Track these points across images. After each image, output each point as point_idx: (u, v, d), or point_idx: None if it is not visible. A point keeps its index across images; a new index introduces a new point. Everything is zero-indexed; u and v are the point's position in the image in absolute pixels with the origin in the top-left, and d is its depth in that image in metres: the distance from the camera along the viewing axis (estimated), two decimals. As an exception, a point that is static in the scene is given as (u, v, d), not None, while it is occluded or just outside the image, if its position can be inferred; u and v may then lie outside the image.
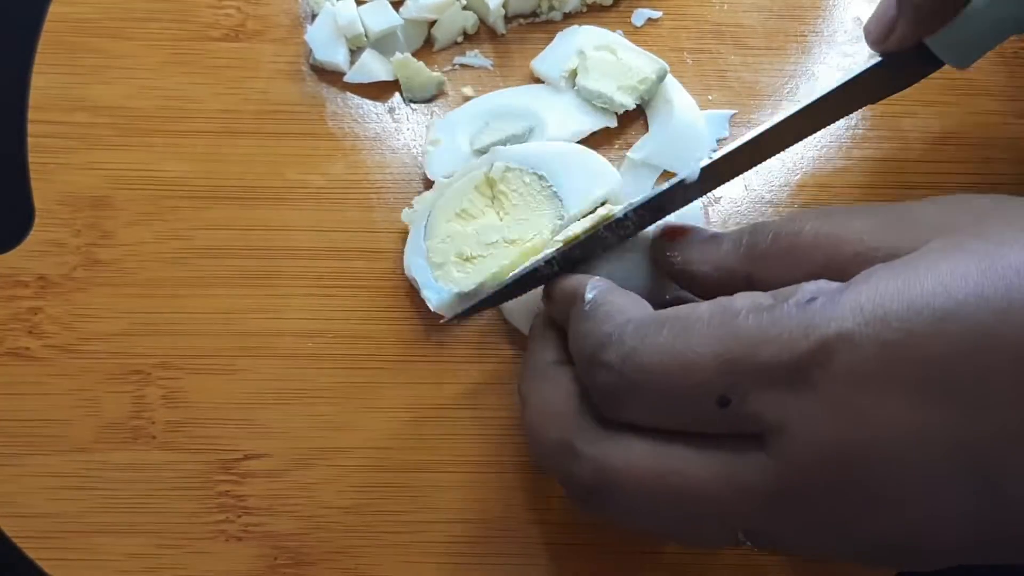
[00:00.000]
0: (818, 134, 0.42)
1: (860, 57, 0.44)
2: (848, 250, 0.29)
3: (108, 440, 0.38)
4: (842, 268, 0.27)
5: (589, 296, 0.31)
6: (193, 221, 0.41)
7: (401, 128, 0.43)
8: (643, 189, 0.41)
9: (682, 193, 0.35)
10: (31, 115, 0.42)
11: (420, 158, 0.42)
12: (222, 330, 0.40)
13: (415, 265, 0.39)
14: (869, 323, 0.25)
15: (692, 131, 0.41)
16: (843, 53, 0.44)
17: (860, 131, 0.42)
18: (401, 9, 0.43)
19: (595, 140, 0.42)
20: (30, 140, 0.42)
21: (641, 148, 0.42)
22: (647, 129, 0.42)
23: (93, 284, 0.40)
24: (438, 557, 0.38)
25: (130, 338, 0.39)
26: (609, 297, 0.31)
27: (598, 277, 0.32)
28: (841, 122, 0.42)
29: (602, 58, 0.42)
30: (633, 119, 0.43)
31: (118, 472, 0.38)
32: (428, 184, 0.41)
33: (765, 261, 0.31)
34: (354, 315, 0.40)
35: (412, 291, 0.40)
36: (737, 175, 0.37)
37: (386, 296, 0.40)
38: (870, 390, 0.24)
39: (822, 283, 0.27)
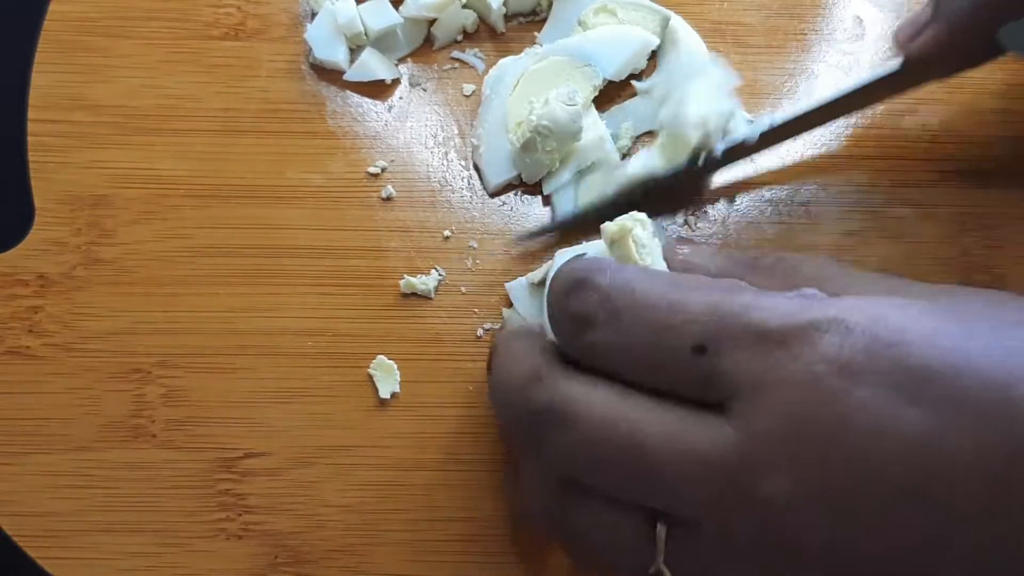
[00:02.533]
0: (817, 132, 0.42)
1: (860, 55, 0.44)
2: (841, 283, 0.30)
3: (108, 439, 0.38)
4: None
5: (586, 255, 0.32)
6: (193, 220, 0.41)
7: (401, 126, 0.43)
8: (646, 116, 0.42)
9: (739, 151, 0.38)
10: (31, 114, 0.42)
11: (423, 152, 0.42)
12: (222, 329, 0.40)
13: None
14: (866, 318, 0.25)
15: (699, 67, 0.42)
16: (843, 51, 0.44)
17: (860, 128, 0.42)
18: (401, 8, 0.43)
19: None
20: (30, 139, 0.42)
21: (649, 81, 0.43)
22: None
23: (93, 283, 0.40)
24: (438, 555, 0.38)
25: (130, 337, 0.39)
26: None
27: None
28: (840, 120, 0.42)
29: (603, 25, 0.42)
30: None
31: (118, 471, 0.38)
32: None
33: (763, 273, 0.32)
34: (354, 313, 0.40)
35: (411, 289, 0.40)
36: (790, 137, 0.40)
37: (386, 294, 0.40)
38: (850, 376, 0.24)
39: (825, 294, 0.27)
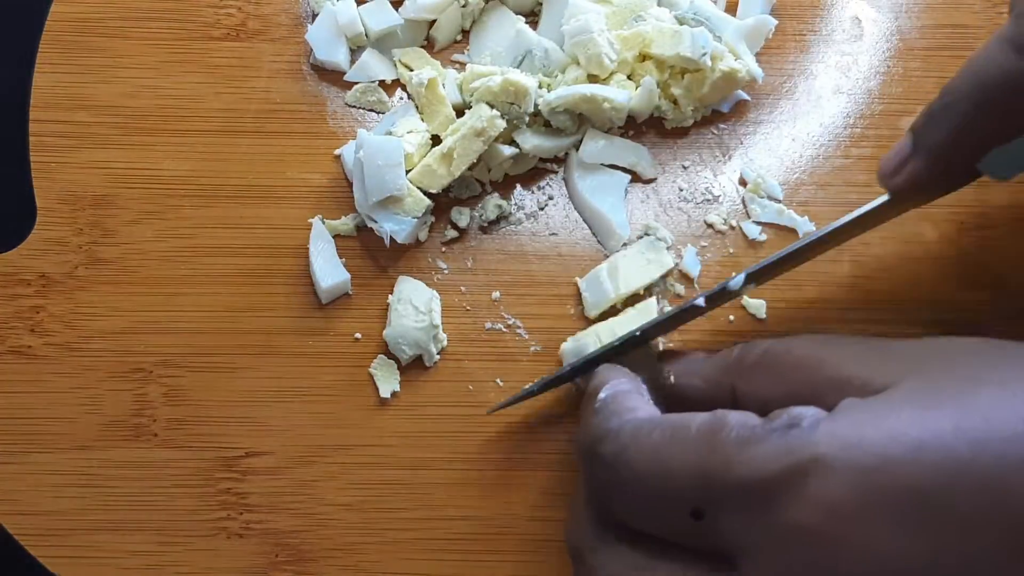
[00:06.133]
0: (816, 132, 0.42)
1: (858, 56, 0.44)
2: (826, 374, 0.30)
3: (110, 438, 0.39)
4: (815, 390, 0.29)
5: (602, 396, 0.32)
6: (194, 219, 0.41)
7: (401, 127, 0.43)
8: None
9: (724, 298, 0.36)
10: (33, 114, 0.42)
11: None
12: (223, 328, 0.40)
13: None
14: (845, 449, 0.25)
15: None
16: (841, 52, 0.44)
17: (858, 130, 0.42)
18: (401, 9, 0.43)
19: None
20: (32, 139, 0.42)
21: None
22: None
23: (95, 282, 0.40)
24: (438, 554, 0.38)
25: (131, 336, 0.40)
26: (620, 398, 0.32)
27: (622, 379, 0.33)
28: (839, 121, 0.43)
29: (597, 12, 0.42)
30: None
31: (120, 469, 0.38)
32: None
33: (750, 374, 0.32)
34: (354, 313, 0.40)
35: (412, 289, 0.40)
36: (778, 275, 0.37)
37: (386, 294, 0.40)
38: (843, 517, 0.24)
39: (812, 409, 0.27)
